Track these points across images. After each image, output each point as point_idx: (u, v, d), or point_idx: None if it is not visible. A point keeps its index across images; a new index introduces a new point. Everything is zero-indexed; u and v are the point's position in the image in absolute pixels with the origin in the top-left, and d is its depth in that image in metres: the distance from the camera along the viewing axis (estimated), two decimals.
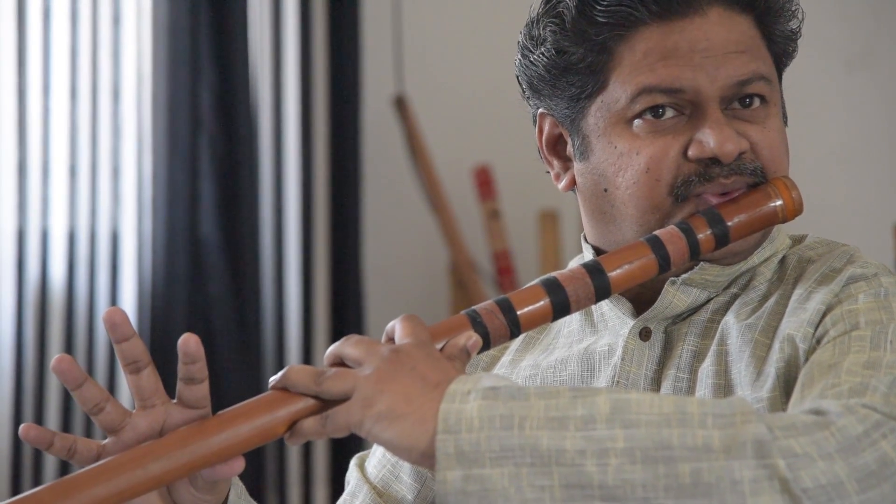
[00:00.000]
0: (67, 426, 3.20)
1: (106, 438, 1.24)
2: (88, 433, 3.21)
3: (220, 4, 3.37)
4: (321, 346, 3.51)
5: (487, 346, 1.27)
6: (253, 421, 1.19)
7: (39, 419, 3.18)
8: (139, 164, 3.28)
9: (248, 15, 3.43)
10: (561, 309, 1.30)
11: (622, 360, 1.40)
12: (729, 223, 1.34)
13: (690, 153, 1.34)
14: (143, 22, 3.29)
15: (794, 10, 1.40)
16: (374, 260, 3.67)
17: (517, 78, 1.45)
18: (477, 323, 1.27)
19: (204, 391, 1.23)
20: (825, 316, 1.30)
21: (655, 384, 1.38)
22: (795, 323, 1.31)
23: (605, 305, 1.45)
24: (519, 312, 1.28)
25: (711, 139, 1.33)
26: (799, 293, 1.34)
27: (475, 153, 3.69)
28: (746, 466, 1.10)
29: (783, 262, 1.42)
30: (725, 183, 1.35)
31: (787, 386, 1.30)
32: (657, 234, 1.34)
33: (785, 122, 1.42)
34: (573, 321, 1.48)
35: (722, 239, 1.34)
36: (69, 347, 3.20)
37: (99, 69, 3.25)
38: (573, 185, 1.44)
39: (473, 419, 1.14)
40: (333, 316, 3.58)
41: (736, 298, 1.40)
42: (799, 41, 1.42)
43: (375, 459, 1.52)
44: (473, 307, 1.29)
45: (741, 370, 1.33)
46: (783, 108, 1.42)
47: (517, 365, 1.49)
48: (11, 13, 3.13)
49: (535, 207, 3.60)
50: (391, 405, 1.16)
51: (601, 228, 1.42)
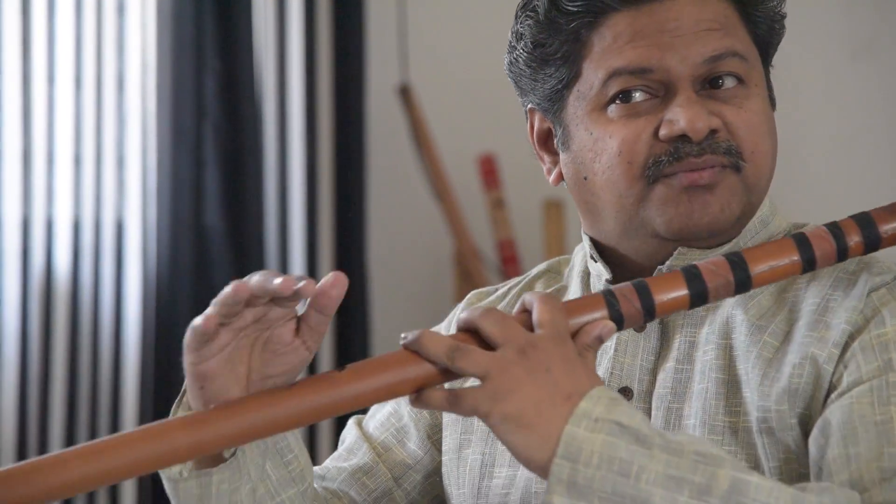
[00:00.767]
0: (72, 415, 3.20)
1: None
2: (93, 421, 3.21)
3: None
4: (327, 333, 3.51)
5: (620, 328, 1.26)
6: (382, 377, 1.18)
7: (44, 408, 3.18)
8: (144, 152, 3.28)
9: (252, 3, 3.42)
10: (698, 300, 1.28)
11: (615, 351, 1.40)
12: (881, 229, 1.31)
13: (661, 133, 1.33)
14: (147, 11, 3.29)
15: None
16: (378, 249, 3.67)
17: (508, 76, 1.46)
18: (612, 305, 1.25)
19: (324, 327, 1.20)
20: (852, 339, 1.29)
21: (652, 375, 1.38)
22: (817, 341, 1.30)
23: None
24: (656, 299, 1.26)
25: (680, 117, 1.32)
26: (814, 301, 1.33)
27: (480, 142, 3.68)
28: None
29: None
30: (696, 161, 1.33)
31: (804, 405, 1.29)
32: (805, 232, 1.31)
33: (773, 105, 1.41)
34: None
35: (872, 245, 1.31)
36: (74, 336, 3.21)
37: (103, 58, 3.25)
38: (562, 178, 1.44)
39: (594, 454, 1.14)
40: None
41: None
42: (794, 26, 1.41)
43: (377, 421, 1.52)
44: (611, 287, 1.28)
45: (748, 370, 1.32)
46: (770, 91, 1.41)
47: None
48: (16, 2, 3.13)
49: (539, 197, 3.60)
50: (520, 409, 1.15)
51: (590, 219, 1.43)
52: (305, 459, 1.35)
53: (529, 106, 1.45)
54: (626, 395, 1.38)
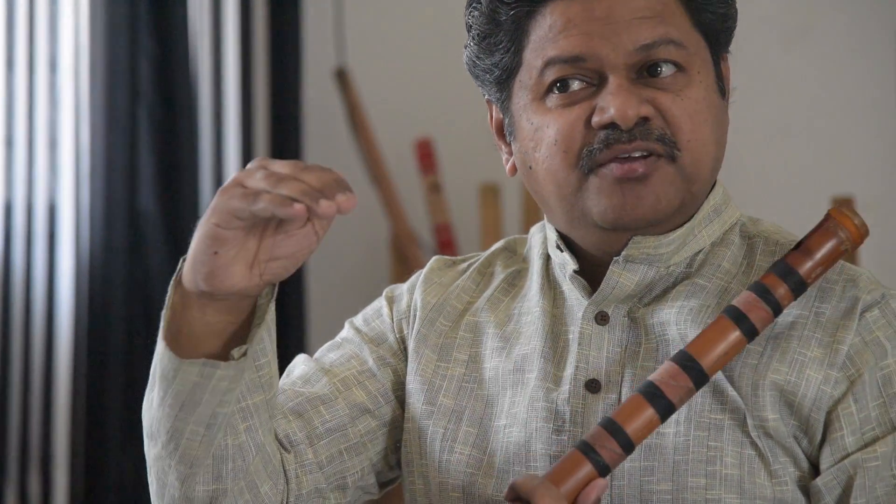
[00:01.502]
0: (4, 397, 3.17)
1: None
2: (25, 404, 3.18)
3: None
4: None
5: (606, 474, 1.29)
6: None
7: None
8: (76, 135, 3.25)
9: None
10: (667, 414, 1.30)
11: (579, 345, 1.40)
12: (801, 272, 1.32)
13: (593, 120, 1.33)
14: None
15: None
16: None
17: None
18: (594, 460, 1.28)
19: (333, 217, 1.20)
20: (853, 364, 1.33)
21: (620, 366, 1.38)
22: (812, 361, 1.33)
23: (565, 285, 1.45)
24: (629, 431, 1.29)
25: (610, 104, 1.32)
26: (799, 312, 1.35)
27: (417, 126, 3.68)
28: None
29: (750, 246, 1.42)
30: (626, 147, 1.32)
31: (799, 419, 1.32)
32: (735, 304, 1.32)
33: (723, 94, 1.40)
34: (534, 303, 1.47)
35: (799, 290, 1.33)
36: (6, 319, 3.17)
37: (36, 39, 3.21)
38: (515, 168, 1.44)
39: None
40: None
41: (701, 274, 1.39)
42: (735, 10, 1.41)
43: (336, 359, 1.49)
44: (584, 439, 1.30)
45: (733, 374, 1.34)
46: (719, 80, 1.40)
47: (487, 319, 1.48)
48: None
49: (476, 181, 3.60)
50: None
51: (543, 209, 1.43)
52: (275, 368, 1.33)
53: (486, 97, 1.45)
54: (593, 387, 1.38)
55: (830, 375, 1.32)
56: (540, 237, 1.50)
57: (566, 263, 1.42)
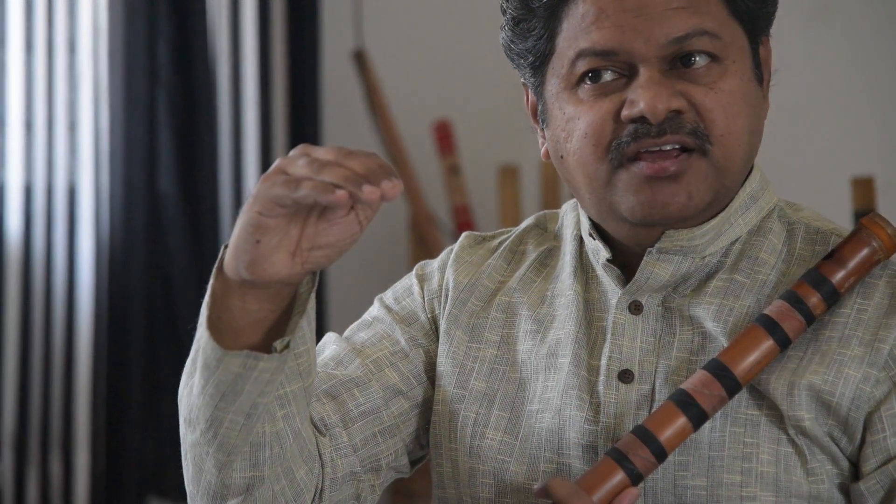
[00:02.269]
0: (25, 381, 3.18)
1: None
2: (46, 387, 3.20)
3: None
4: None
5: (638, 483, 1.29)
6: None
7: None
8: (96, 117, 3.26)
9: None
10: (699, 422, 1.31)
11: (612, 335, 1.38)
12: (834, 281, 1.32)
13: (623, 114, 1.31)
14: None
15: None
16: None
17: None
18: (627, 468, 1.29)
19: (378, 205, 1.20)
20: (895, 361, 1.31)
21: (654, 356, 1.37)
22: (851, 360, 1.31)
23: (598, 269, 1.43)
24: (662, 439, 1.29)
25: (640, 98, 1.30)
26: (840, 310, 1.34)
27: (435, 108, 3.68)
28: None
29: (790, 233, 1.40)
30: (655, 142, 1.30)
31: (836, 419, 1.31)
32: (768, 313, 1.32)
33: (760, 81, 1.38)
34: (567, 286, 1.45)
35: (831, 300, 1.32)
36: (26, 302, 3.19)
37: (55, 22, 3.21)
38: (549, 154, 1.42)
39: None
40: None
41: (739, 269, 1.38)
42: None
43: (367, 340, 1.48)
44: (616, 446, 1.30)
45: (769, 376, 1.33)
46: (757, 67, 1.37)
47: (521, 299, 1.47)
48: None
49: (494, 162, 3.60)
50: None
51: (577, 198, 1.41)
52: (314, 355, 1.31)
53: (522, 80, 1.43)
54: (626, 377, 1.37)
55: (871, 374, 1.30)
56: (573, 217, 1.48)
57: (599, 251, 1.41)
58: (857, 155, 3.45)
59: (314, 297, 1.27)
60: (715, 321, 1.35)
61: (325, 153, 1.17)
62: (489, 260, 1.50)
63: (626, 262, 1.40)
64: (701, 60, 1.32)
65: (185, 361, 1.29)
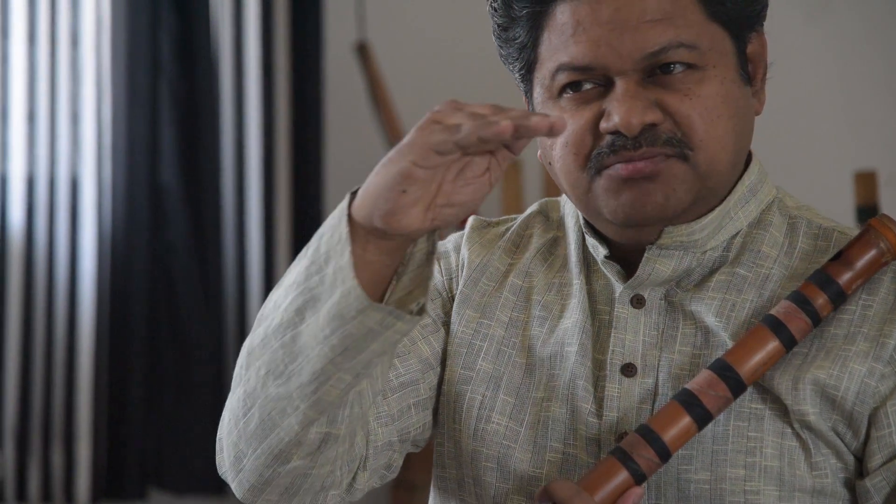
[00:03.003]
0: (26, 370, 3.19)
1: None
2: (48, 377, 3.20)
3: None
4: None
5: (642, 482, 1.30)
6: None
7: None
8: (98, 109, 3.26)
9: None
10: (703, 423, 1.31)
11: (615, 328, 1.38)
12: (840, 282, 1.32)
13: (601, 126, 1.31)
14: None
15: None
16: (335, 206, 3.65)
17: None
18: (631, 468, 1.29)
19: (507, 163, 1.19)
20: None
21: (658, 350, 1.37)
22: (857, 355, 1.31)
23: (599, 262, 1.43)
24: (666, 439, 1.29)
25: (615, 111, 1.30)
26: (845, 307, 1.33)
27: (438, 100, 3.65)
28: None
29: (791, 226, 1.40)
30: (632, 155, 1.30)
31: (841, 413, 1.31)
32: (774, 314, 1.32)
33: (748, 80, 1.37)
34: (574, 275, 1.45)
35: (838, 301, 1.32)
36: (28, 293, 3.19)
37: (58, 14, 3.21)
38: None
39: None
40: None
41: (741, 263, 1.37)
42: None
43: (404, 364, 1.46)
44: (619, 445, 1.30)
45: (772, 372, 1.33)
46: (743, 67, 1.36)
47: (530, 286, 1.46)
48: None
49: None
50: None
51: (568, 198, 1.42)
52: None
53: (517, 83, 1.44)
54: (629, 371, 1.37)
55: (876, 369, 1.30)
56: (573, 207, 1.47)
57: (597, 247, 1.41)
58: (859, 149, 3.46)
59: (434, 259, 1.24)
60: (717, 317, 1.35)
61: (479, 107, 1.17)
62: (498, 243, 1.50)
63: (625, 256, 1.40)
64: (679, 67, 1.31)
65: (186, 352, 1.28)
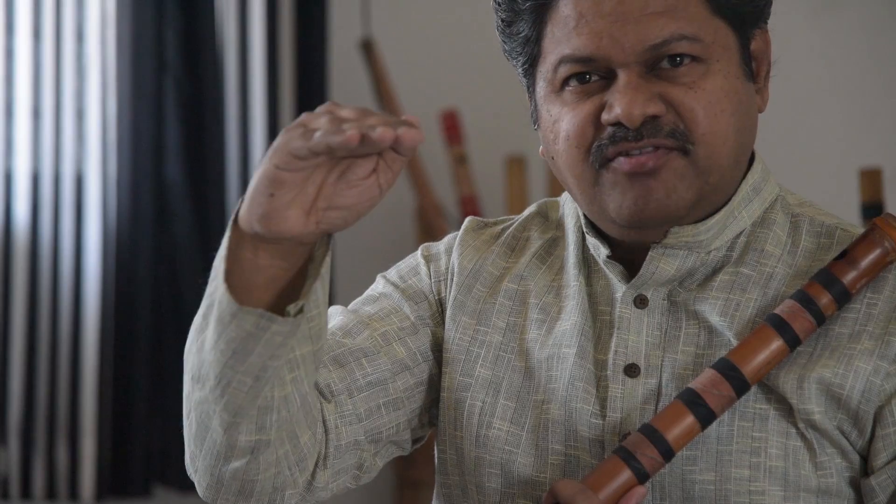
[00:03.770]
0: (31, 368, 3.19)
1: None
2: (53, 374, 3.20)
3: None
4: None
5: (645, 481, 1.30)
6: None
7: (3, 361, 3.17)
8: (103, 105, 3.26)
9: None
10: (707, 422, 1.31)
11: (618, 329, 1.38)
12: (845, 281, 1.31)
13: (602, 118, 1.32)
14: None
15: None
16: None
17: None
18: (634, 467, 1.29)
19: (399, 167, 1.20)
20: None
21: (661, 350, 1.36)
22: (862, 354, 1.31)
23: (600, 263, 1.42)
24: (669, 438, 1.29)
25: (617, 103, 1.30)
26: (852, 306, 1.33)
27: (442, 98, 3.67)
28: None
29: (794, 225, 1.39)
30: (633, 146, 1.31)
31: (847, 412, 1.30)
32: (778, 312, 1.32)
33: (752, 76, 1.36)
34: (572, 277, 1.45)
35: (842, 300, 1.32)
36: (33, 290, 3.19)
37: (63, 10, 3.21)
38: None
39: None
40: None
41: (745, 262, 1.37)
42: None
43: (374, 313, 1.47)
44: (622, 444, 1.30)
45: (777, 370, 1.32)
46: (746, 63, 1.36)
47: (526, 287, 1.46)
48: None
49: (502, 152, 3.59)
50: None
51: (570, 195, 1.41)
52: (325, 319, 1.29)
53: (520, 78, 1.44)
54: (632, 372, 1.36)
55: (881, 367, 1.30)
56: (573, 207, 1.48)
57: (598, 248, 1.41)
58: (864, 146, 3.45)
59: (329, 260, 1.25)
60: (721, 316, 1.35)
61: (349, 111, 1.17)
62: (493, 246, 1.49)
63: (626, 256, 1.40)
64: (684, 60, 1.31)
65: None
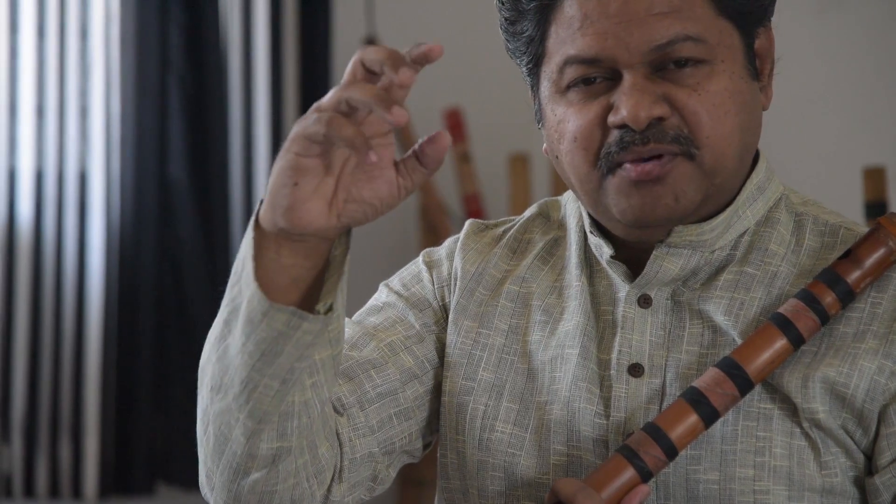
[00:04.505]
0: (34, 366, 3.19)
1: None
2: (56, 372, 3.20)
3: None
4: None
5: (648, 480, 1.30)
6: None
7: (6, 359, 3.17)
8: (107, 104, 3.26)
9: None
10: (710, 420, 1.31)
11: (622, 328, 1.38)
12: (849, 280, 1.31)
13: (608, 120, 1.31)
14: None
15: None
16: None
17: None
18: (637, 466, 1.29)
19: (420, 178, 1.21)
20: None
21: (665, 350, 1.36)
22: (866, 353, 1.31)
23: (603, 263, 1.42)
24: (672, 437, 1.29)
25: (622, 105, 1.30)
26: (857, 305, 1.33)
27: (446, 96, 3.67)
28: None
29: (798, 224, 1.39)
30: (641, 150, 1.30)
31: (851, 411, 1.30)
32: (782, 312, 1.32)
33: (756, 75, 1.36)
34: (574, 277, 1.45)
35: (846, 300, 1.32)
36: (36, 287, 3.19)
37: (67, 8, 3.22)
38: None
39: None
40: None
41: (749, 261, 1.37)
42: None
43: (380, 323, 1.47)
44: (626, 442, 1.30)
45: (782, 369, 1.32)
46: (751, 62, 1.36)
47: (529, 288, 1.46)
48: None
49: (505, 151, 3.59)
50: None
51: (574, 194, 1.41)
52: (343, 323, 1.29)
53: (524, 77, 1.44)
54: (636, 371, 1.36)
55: (885, 366, 1.30)
56: (575, 206, 1.48)
57: (601, 247, 1.41)
58: (868, 145, 3.45)
59: (349, 259, 1.25)
60: (726, 315, 1.35)
61: (358, 91, 1.18)
62: (494, 249, 1.49)
63: (629, 256, 1.40)
64: (689, 63, 1.31)
65: (195, 347, 1.28)
